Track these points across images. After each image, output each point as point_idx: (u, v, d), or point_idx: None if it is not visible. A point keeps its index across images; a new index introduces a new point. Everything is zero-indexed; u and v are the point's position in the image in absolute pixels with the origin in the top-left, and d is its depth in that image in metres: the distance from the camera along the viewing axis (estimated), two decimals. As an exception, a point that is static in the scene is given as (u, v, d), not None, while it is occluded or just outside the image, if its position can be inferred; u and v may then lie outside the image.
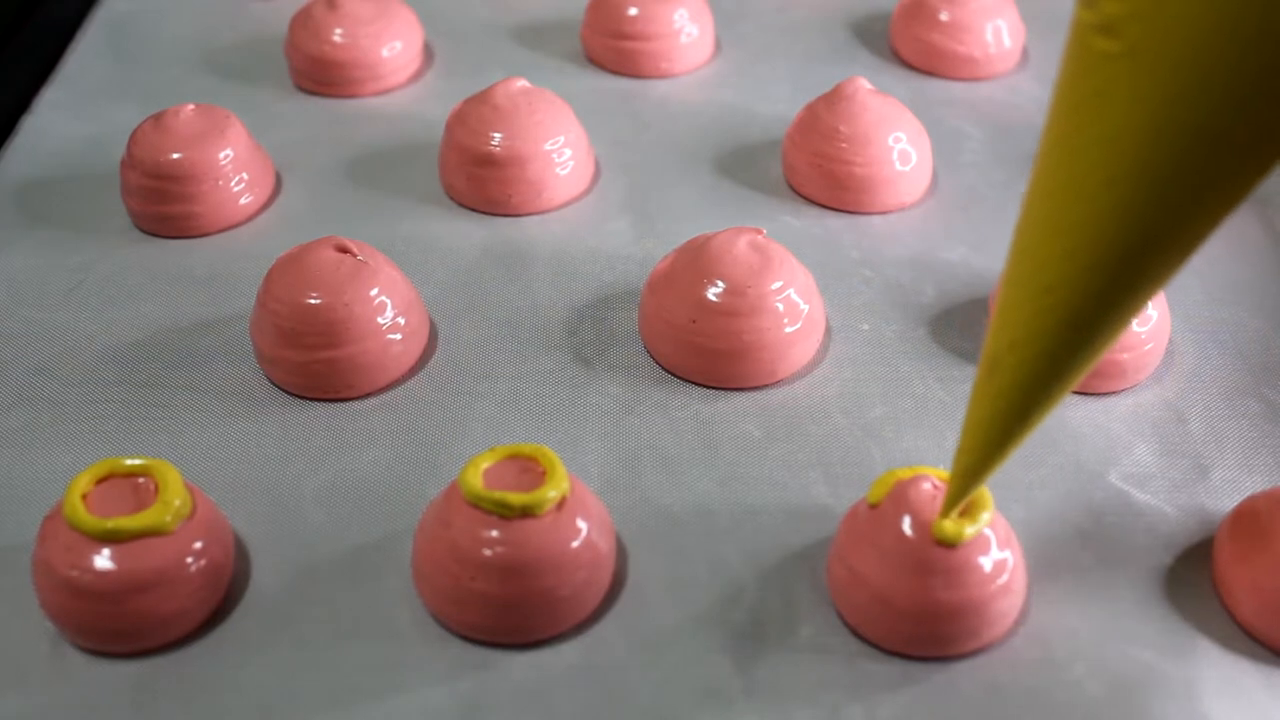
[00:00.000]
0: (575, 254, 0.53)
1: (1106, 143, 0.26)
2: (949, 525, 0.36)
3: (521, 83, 0.56)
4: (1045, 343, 0.29)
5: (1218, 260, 0.53)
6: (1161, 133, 0.25)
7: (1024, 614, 0.39)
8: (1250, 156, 0.25)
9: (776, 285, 0.46)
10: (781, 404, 0.46)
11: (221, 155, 0.53)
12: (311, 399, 0.46)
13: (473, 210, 0.56)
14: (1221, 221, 0.26)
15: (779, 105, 0.63)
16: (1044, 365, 0.30)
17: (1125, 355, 0.45)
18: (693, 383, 0.47)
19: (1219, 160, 0.25)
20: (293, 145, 0.60)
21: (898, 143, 0.55)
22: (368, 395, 0.46)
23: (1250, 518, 0.39)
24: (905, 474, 0.38)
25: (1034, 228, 0.29)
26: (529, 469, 0.39)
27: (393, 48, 0.63)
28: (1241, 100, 0.24)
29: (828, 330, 0.49)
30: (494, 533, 0.37)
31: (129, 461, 0.39)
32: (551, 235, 0.54)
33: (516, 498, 0.37)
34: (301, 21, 0.63)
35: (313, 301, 0.45)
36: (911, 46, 0.66)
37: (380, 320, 0.45)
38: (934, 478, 0.38)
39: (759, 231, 0.47)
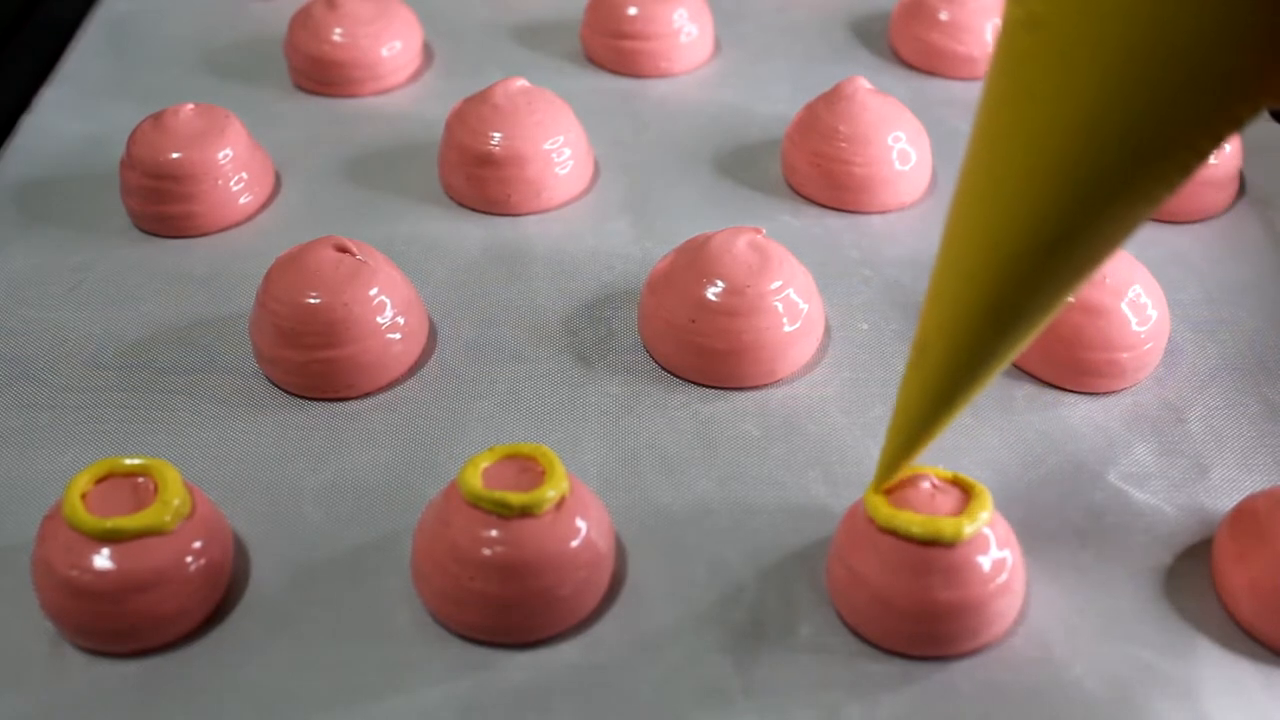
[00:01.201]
0: (575, 254, 0.53)
1: (1028, 135, 0.26)
2: (877, 499, 0.37)
3: (521, 82, 0.56)
4: (969, 327, 0.30)
5: (1218, 260, 0.53)
6: (1081, 127, 0.25)
7: (1023, 613, 0.39)
8: (1169, 154, 0.25)
9: (776, 285, 0.46)
10: (781, 404, 0.46)
11: (221, 155, 0.53)
12: (311, 399, 0.46)
13: (472, 210, 0.56)
14: (1143, 219, 0.27)
15: (779, 105, 0.63)
16: (968, 350, 0.31)
17: (1125, 355, 0.45)
18: (692, 382, 0.47)
19: (1138, 156, 0.25)
20: (292, 145, 0.60)
21: (897, 142, 0.55)
22: (367, 395, 0.46)
23: (1250, 517, 0.39)
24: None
25: (961, 216, 0.29)
26: (528, 469, 0.39)
27: (392, 47, 0.63)
28: (1159, 97, 0.24)
29: (827, 330, 0.49)
30: (493, 532, 0.37)
31: (128, 461, 0.39)
32: (551, 235, 0.54)
33: (516, 497, 0.37)
34: (301, 21, 0.63)
35: (312, 301, 0.45)
36: (911, 46, 0.66)
37: (380, 320, 0.45)
38: (934, 477, 0.38)
39: (758, 231, 0.47)
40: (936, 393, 0.33)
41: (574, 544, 0.37)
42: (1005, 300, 0.29)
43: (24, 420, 0.45)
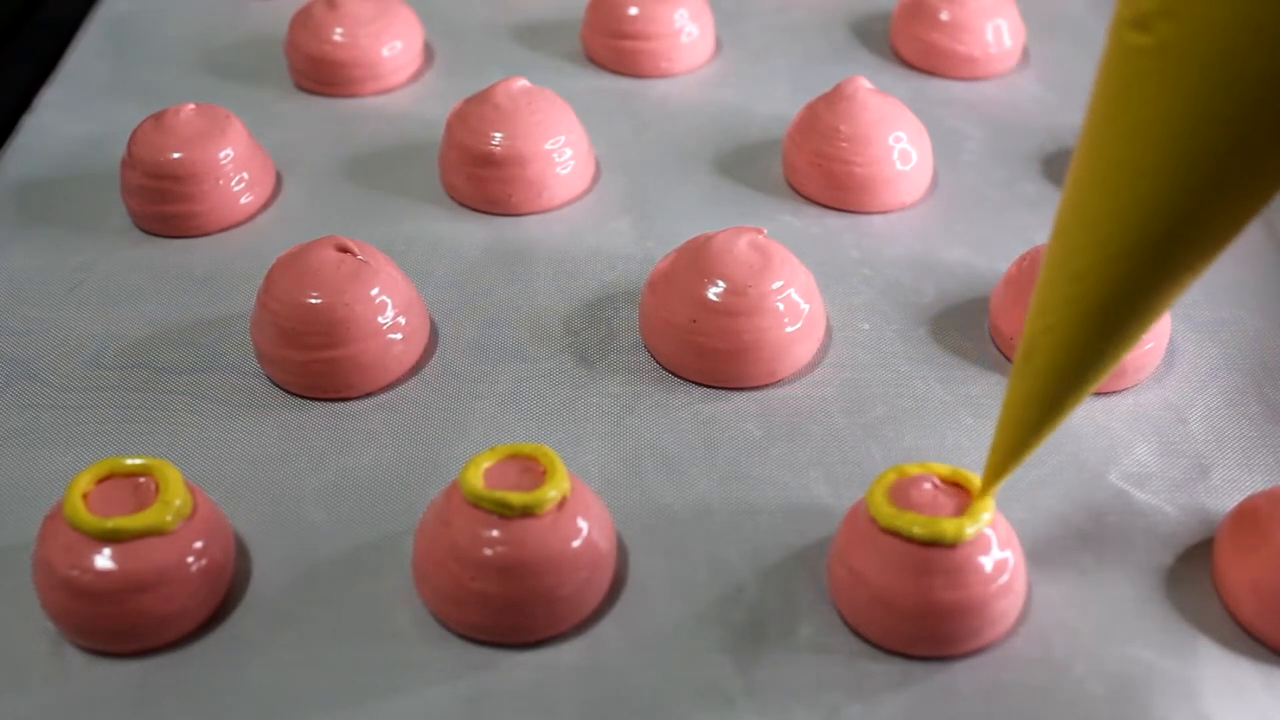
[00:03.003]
0: (575, 254, 0.53)
1: (1137, 135, 0.26)
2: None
3: (522, 82, 0.56)
4: (1078, 328, 0.30)
5: (1218, 260, 0.53)
6: (1191, 127, 0.25)
7: (1024, 614, 0.39)
8: (1276, 152, 0.25)
9: (777, 285, 0.46)
10: (782, 404, 0.46)
11: (221, 155, 0.53)
12: (312, 399, 0.46)
13: (473, 210, 0.56)
14: (1251, 217, 0.27)
15: (779, 105, 0.63)
16: (1077, 350, 0.31)
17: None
18: (693, 382, 0.47)
19: (1247, 156, 0.25)
20: (293, 145, 0.60)
21: (898, 142, 0.55)
22: (368, 395, 0.46)
23: (1251, 517, 0.39)
24: (901, 472, 0.38)
25: (1069, 215, 0.29)
26: (529, 469, 0.39)
27: (393, 47, 0.63)
28: (1269, 97, 0.24)
29: (828, 330, 0.49)
30: (494, 532, 0.37)
31: (129, 461, 0.39)
32: (552, 235, 0.54)
33: (517, 497, 0.37)
34: (301, 21, 0.63)
35: (313, 301, 0.45)
36: (911, 46, 0.66)
37: (380, 320, 0.45)
38: (935, 477, 0.38)
39: (759, 231, 0.47)
40: (1046, 392, 0.32)
41: (575, 544, 0.37)
42: (1114, 301, 0.29)
43: (25, 420, 0.45)
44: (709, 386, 0.47)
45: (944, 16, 0.64)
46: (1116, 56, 0.26)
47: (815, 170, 0.55)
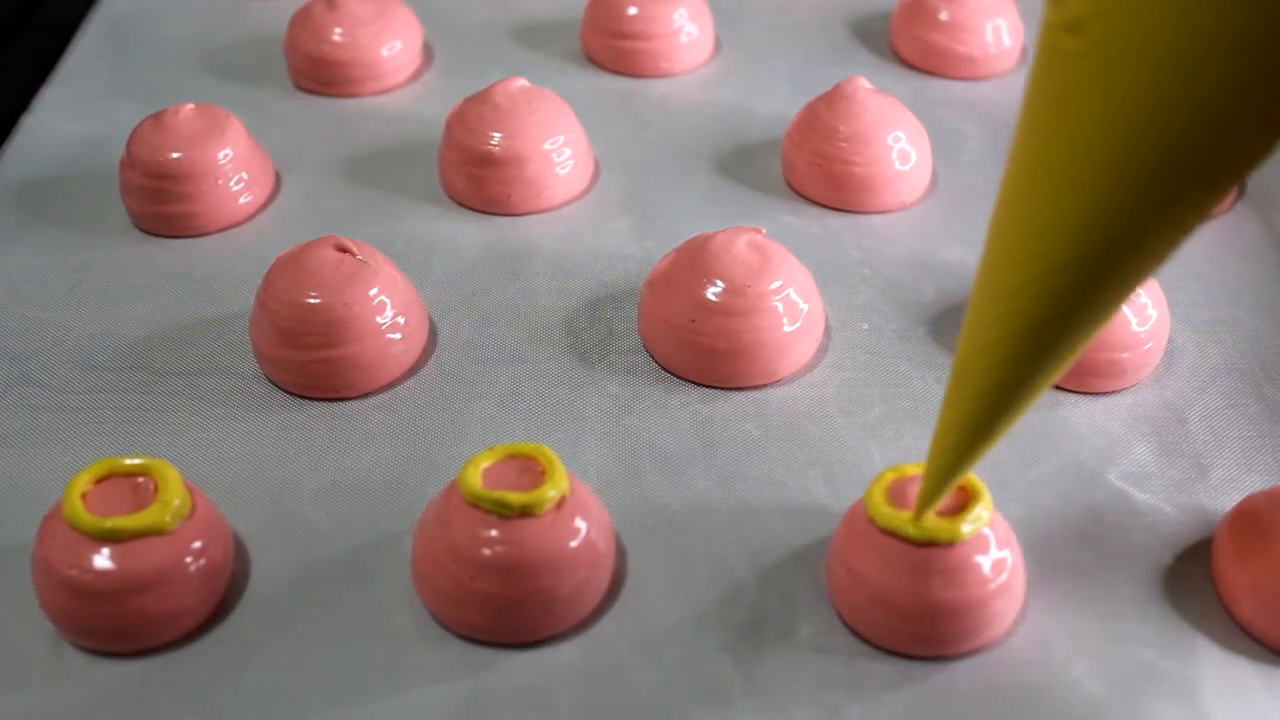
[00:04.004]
0: (575, 253, 0.53)
1: (1073, 144, 0.25)
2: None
3: (521, 82, 0.56)
4: (1013, 347, 0.29)
5: (1218, 260, 0.53)
6: (1126, 135, 0.24)
7: (1023, 613, 0.39)
8: (1219, 161, 0.24)
9: (776, 285, 0.46)
10: (781, 404, 0.46)
11: (221, 155, 0.53)
12: (311, 399, 0.46)
13: (472, 210, 0.56)
14: (1192, 230, 0.26)
15: (779, 105, 0.63)
16: (1012, 370, 0.29)
17: (1125, 355, 0.45)
18: (692, 382, 0.47)
19: (1188, 162, 0.24)
20: (292, 145, 0.60)
21: (897, 142, 0.55)
22: (367, 395, 0.46)
23: (1250, 517, 0.39)
24: (900, 472, 0.38)
25: (1002, 231, 0.28)
26: (528, 468, 0.39)
27: (392, 47, 0.63)
28: (1205, 103, 0.23)
29: (827, 330, 0.49)
30: (493, 532, 0.37)
31: (128, 461, 0.39)
32: (551, 235, 0.54)
33: (516, 497, 0.37)
34: (301, 21, 0.63)
35: (312, 301, 0.45)
36: (911, 46, 0.66)
37: (380, 320, 0.45)
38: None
39: (759, 231, 0.47)
40: (982, 414, 0.31)
41: (574, 544, 0.37)
42: (1051, 318, 0.28)
43: (24, 420, 0.45)
44: (708, 386, 0.47)
45: (944, 16, 0.64)
46: (1048, 62, 0.25)
47: (815, 170, 0.55)
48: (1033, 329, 0.28)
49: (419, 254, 0.53)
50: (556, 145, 0.55)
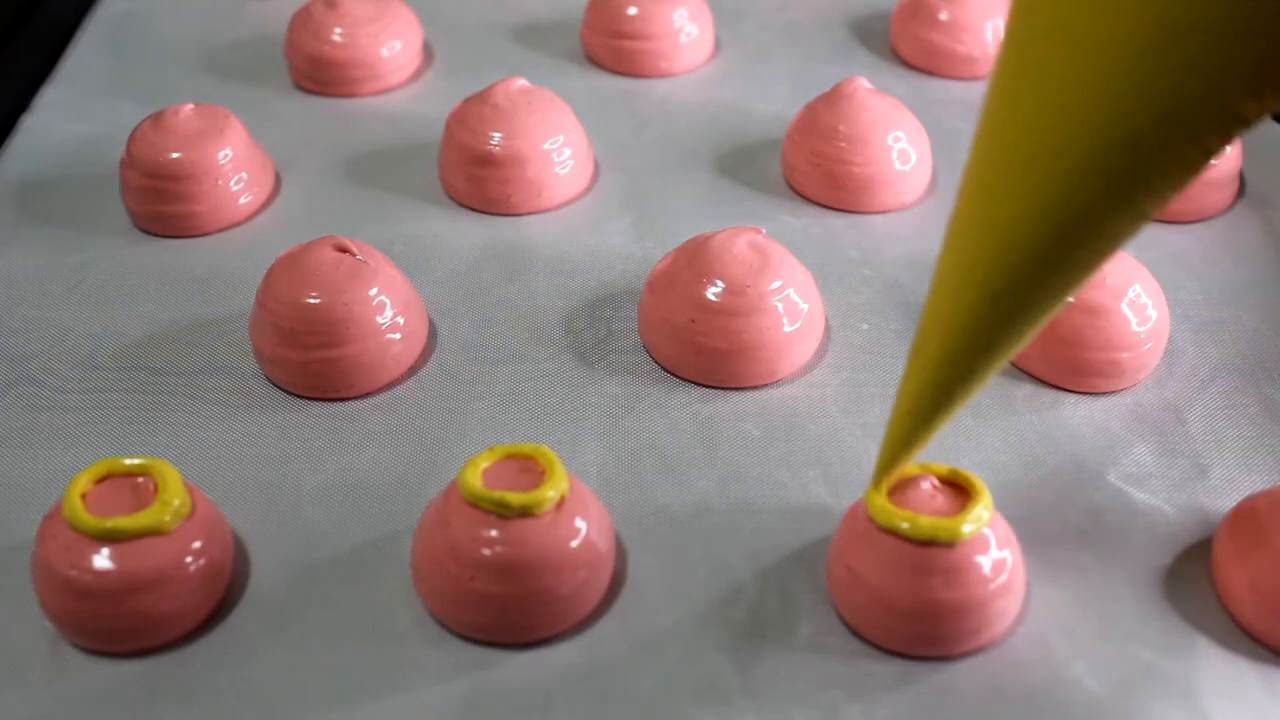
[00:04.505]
0: (574, 254, 0.53)
1: (1032, 123, 0.26)
2: (877, 499, 0.37)
3: (521, 82, 0.56)
4: (968, 316, 0.30)
5: (1218, 260, 0.53)
6: (1084, 117, 0.25)
7: (1023, 613, 0.39)
8: (1174, 149, 0.25)
9: (776, 285, 0.46)
10: (781, 403, 0.46)
11: (221, 155, 0.53)
12: (311, 399, 0.46)
13: (472, 210, 0.56)
14: (1147, 218, 0.27)
15: (778, 105, 0.63)
16: (966, 342, 0.31)
17: (1125, 355, 0.45)
18: (692, 382, 0.47)
19: (1141, 150, 0.25)
20: (292, 145, 0.60)
21: (897, 142, 0.55)
22: (367, 395, 0.46)
23: (1249, 517, 0.39)
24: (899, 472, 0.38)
25: (964, 203, 0.29)
26: (528, 468, 0.39)
27: (392, 47, 0.63)
28: (1164, 89, 0.24)
29: (827, 330, 0.49)
30: (493, 532, 0.37)
31: (128, 461, 0.39)
32: (551, 235, 0.54)
33: (515, 497, 0.37)
34: (301, 21, 0.63)
35: (312, 301, 0.45)
36: (911, 46, 0.66)
37: (379, 320, 0.45)
38: (934, 476, 0.38)
39: (758, 231, 0.47)
40: (934, 387, 0.32)
41: (574, 544, 0.37)
42: (1004, 289, 0.29)
43: (24, 420, 0.45)
44: (708, 386, 0.47)
45: (943, 16, 0.64)
46: (1009, 44, 0.27)
47: (814, 170, 0.55)
48: (987, 300, 0.29)
49: (419, 254, 0.53)
50: (556, 145, 0.55)
